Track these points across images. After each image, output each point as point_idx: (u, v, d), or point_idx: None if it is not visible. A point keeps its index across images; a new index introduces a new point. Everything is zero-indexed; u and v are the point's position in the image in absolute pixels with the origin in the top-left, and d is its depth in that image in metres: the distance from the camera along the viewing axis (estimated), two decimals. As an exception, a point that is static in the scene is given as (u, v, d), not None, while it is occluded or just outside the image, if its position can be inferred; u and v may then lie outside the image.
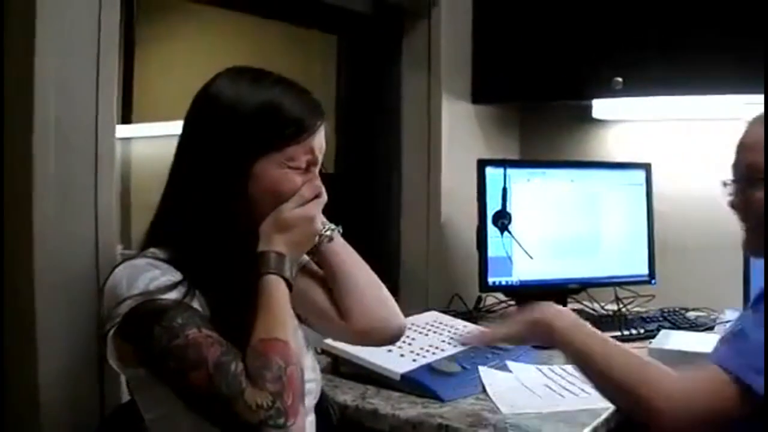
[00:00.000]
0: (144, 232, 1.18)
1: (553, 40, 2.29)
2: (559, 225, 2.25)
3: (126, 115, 2.97)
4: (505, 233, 2.10)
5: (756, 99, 1.97)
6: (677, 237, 2.42)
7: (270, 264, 1.11)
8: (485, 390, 1.54)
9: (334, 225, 1.25)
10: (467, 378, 1.58)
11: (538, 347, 1.88)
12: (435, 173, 2.29)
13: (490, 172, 2.15)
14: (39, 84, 1.26)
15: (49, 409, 1.29)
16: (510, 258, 2.14)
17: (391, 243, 2.35)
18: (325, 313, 1.25)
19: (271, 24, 2.36)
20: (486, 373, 1.61)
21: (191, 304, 1.06)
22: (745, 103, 2.14)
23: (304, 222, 1.15)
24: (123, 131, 2.83)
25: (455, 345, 1.71)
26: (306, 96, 1.17)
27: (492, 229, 2.12)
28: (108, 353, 1.09)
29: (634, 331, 2.01)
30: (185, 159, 1.16)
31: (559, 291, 2.30)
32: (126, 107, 2.98)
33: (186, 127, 1.17)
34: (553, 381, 1.61)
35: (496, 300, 2.34)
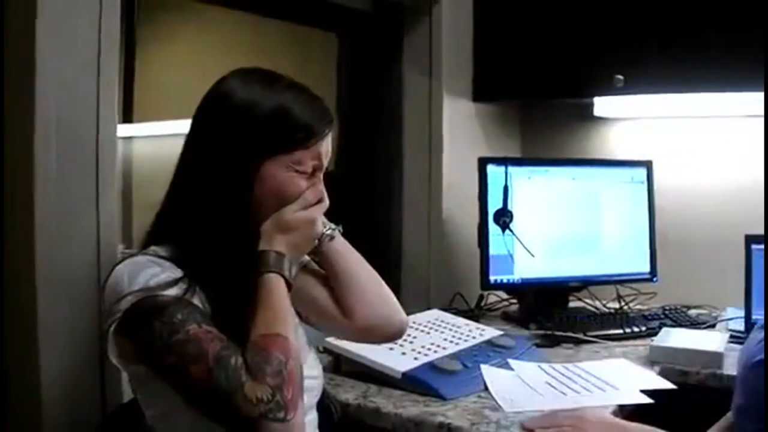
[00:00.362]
0: (146, 230, 1.18)
1: (555, 38, 2.29)
2: (561, 223, 2.25)
3: (127, 114, 2.96)
4: (507, 231, 2.10)
5: (757, 97, 1.98)
6: (679, 234, 2.42)
7: (270, 263, 1.12)
8: (487, 388, 1.54)
9: (334, 224, 1.26)
10: (469, 376, 1.58)
11: (540, 345, 1.89)
12: (436, 171, 2.29)
13: (491, 170, 2.15)
14: (40, 83, 1.26)
15: (51, 408, 1.30)
16: (511, 256, 2.14)
17: (393, 241, 2.36)
18: (327, 312, 1.26)
19: (272, 23, 2.36)
20: (488, 371, 1.61)
21: (192, 300, 1.07)
22: (748, 100, 2.15)
23: (305, 225, 1.16)
24: (124, 130, 2.83)
25: (456, 343, 1.72)
26: (316, 102, 1.17)
27: (493, 227, 2.13)
28: (109, 349, 1.09)
29: (635, 329, 2.01)
30: (192, 157, 1.16)
31: (561, 289, 2.31)
32: (127, 106, 2.97)
33: (194, 126, 1.17)
34: (555, 379, 1.61)
35: (497, 298, 2.34)
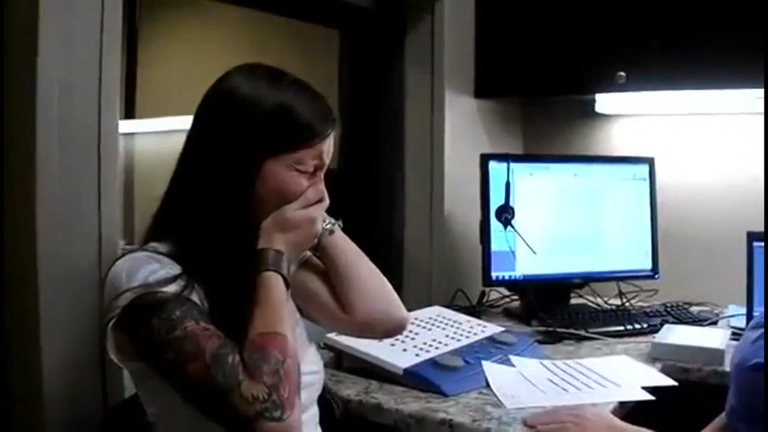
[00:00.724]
0: (147, 226, 1.18)
1: (557, 34, 2.29)
2: (563, 219, 2.25)
3: (129, 111, 2.97)
4: (509, 228, 2.11)
5: (760, 93, 1.98)
6: (680, 231, 2.42)
7: (268, 261, 1.12)
8: (488, 384, 1.54)
9: (334, 219, 1.26)
10: (470, 372, 1.58)
11: (542, 342, 1.89)
12: (438, 168, 2.29)
13: (493, 166, 2.15)
14: (42, 81, 1.26)
15: (52, 403, 1.30)
16: (513, 252, 2.14)
17: (395, 238, 2.35)
18: (327, 307, 1.27)
19: (274, 20, 2.35)
20: (489, 368, 1.61)
21: (190, 297, 1.06)
22: (749, 98, 2.15)
23: (306, 223, 1.16)
24: (126, 126, 2.83)
25: (458, 339, 1.72)
26: (320, 101, 1.17)
27: (495, 224, 2.13)
28: (108, 345, 1.09)
29: (637, 326, 2.01)
30: (194, 153, 1.15)
31: (563, 285, 2.31)
32: (129, 102, 2.98)
33: (197, 121, 1.16)
34: (557, 375, 1.61)
35: (499, 295, 2.34)
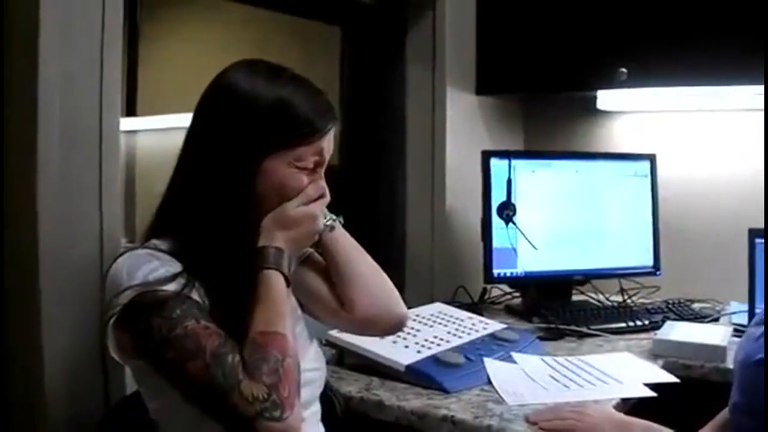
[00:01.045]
0: (148, 222, 1.18)
1: (558, 31, 2.28)
2: (564, 216, 2.25)
3: (131, 108, 2.97)
4: (510, 224, 2.11)
5: (760, 90, 1.97)
6: (682, 228, 2.41)
7: (269, 259, 1.11)
8: (490, 381, 1.55)
9: (335, 215, 1.26)
10: (472, 369, 1.58)
11: (543, 339, 1.89)
12: (439, 165, 2.29)
13: (494, 163, 2.15)
14: (43, 80, 1.26)
15: (54, 400, 1.30)
16: (515, 249, 2.14)
17: (396, 235, 2.35)
18: (328, 303, 1.27)
19: (275, 17, 2.35)
20: (491, 365, 1.61)
21: (190, 295, 1.06)
22: (751, 94, 2.14)
23: (307, 220, 1.16)
24: (128, 124, 2.83)
25: (460, 336, 1.72)
26: (320, 97, 1.16)
27: (497, 221, 2.13)
28: (108, 343, 1.09)
29: (639, 323, 2.01)
30: (194, 149, 1.15)
31: (564, 282, 2.30)
32: (131, 100, 2.98)
33: (196, 118, 1.16)
34: (558, 372, 1.61)
35: (500, 291, 2.34)
